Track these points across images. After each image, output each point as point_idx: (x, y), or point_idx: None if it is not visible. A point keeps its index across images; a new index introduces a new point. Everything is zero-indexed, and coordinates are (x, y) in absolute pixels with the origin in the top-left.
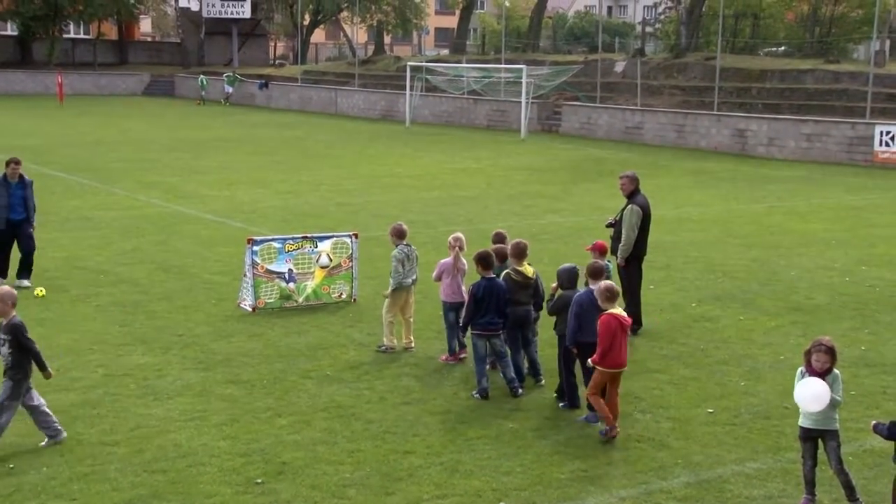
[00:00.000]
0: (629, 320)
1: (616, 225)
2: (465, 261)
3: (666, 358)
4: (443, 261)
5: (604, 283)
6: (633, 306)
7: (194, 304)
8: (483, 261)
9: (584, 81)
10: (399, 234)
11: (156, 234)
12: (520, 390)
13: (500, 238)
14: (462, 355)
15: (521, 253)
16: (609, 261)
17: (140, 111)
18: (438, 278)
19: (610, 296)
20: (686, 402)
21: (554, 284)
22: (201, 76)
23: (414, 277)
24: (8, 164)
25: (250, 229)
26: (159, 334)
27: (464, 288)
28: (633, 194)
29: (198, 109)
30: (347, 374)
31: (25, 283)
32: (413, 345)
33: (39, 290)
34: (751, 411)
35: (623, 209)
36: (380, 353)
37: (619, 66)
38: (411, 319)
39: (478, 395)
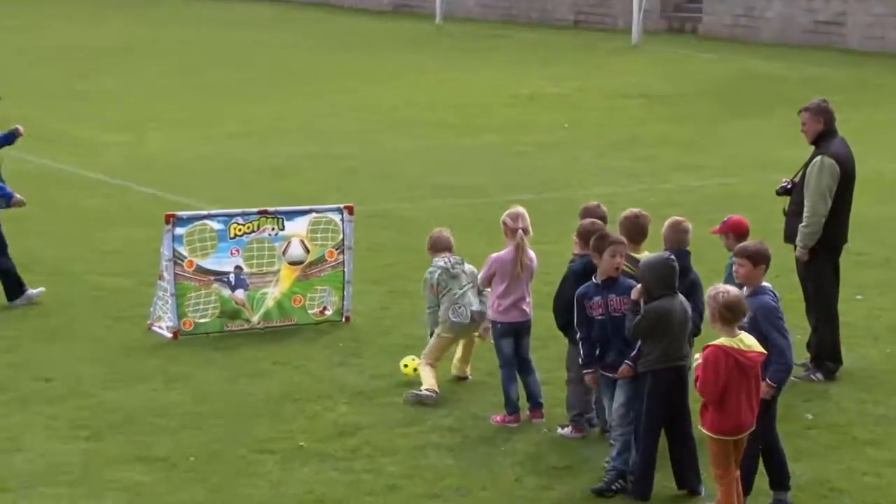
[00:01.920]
0: (758, 357)
1: (794, 190)
2: (533, 253)
3: (885, 421)
4: (496, 255)
5: (722, 291)
6: (825, 330)
7: (74, 327)
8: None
9: None
10: (438, 247)
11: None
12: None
13: (593, 215)
14: (536, 419)
15: (639, 232)
16: None
17: None
18: (489, 282)
19: (729, 313)
20: None
21: (636, 288)
22: None
23: (475, 308)
24: None
25: (170, 199)
26: (13, 378)
27: (528, 299)
28: (823, 139)
29: None
30: (335, 447)
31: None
32: (470, 375)
33: None
34: None
35: (807, 164)
36: (408, 406)
37: None
38: (473, 347)
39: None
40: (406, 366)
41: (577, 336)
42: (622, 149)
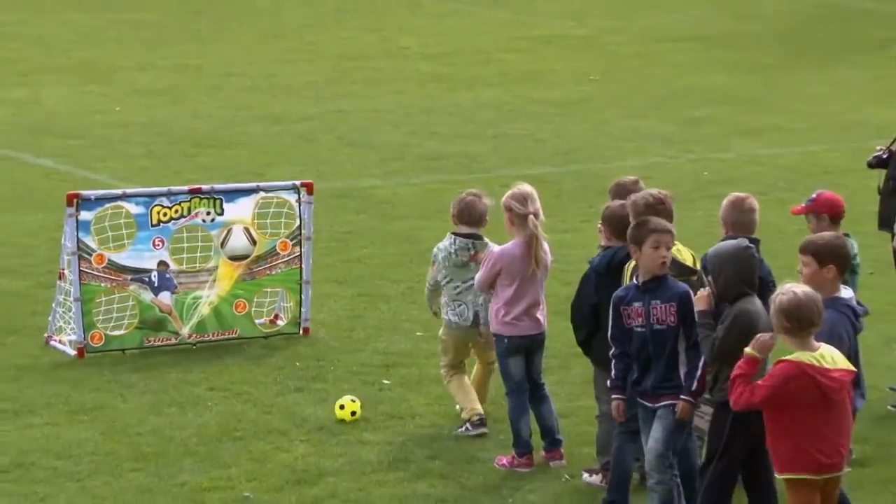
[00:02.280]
0: (845, 376)
1: (891, 161)
2: (547, 246)
3: None
4: (500, 248)
5: (783, 292)
6: None
7: None
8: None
9: None
10: (463, 218)
11: None
12: None
13: (624, 191)
14: (554, 462)
15: (668, 216)
16: (851, 236)
17: None
18: (489, 283)
19: (788, 321)
20: None
21: (702, 292)
22: None
23: (475, 311)
24: None
25: (74, 174)
26: None
27: (543, 305)
28: None
29: None
30: (290, 498)
31: None
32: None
33: None
34: None
35: None
36: (384, 445)
37: None
38: (492, 369)
39: None
40: (342, 407)
41: (611, 352)
42: (666, 108)
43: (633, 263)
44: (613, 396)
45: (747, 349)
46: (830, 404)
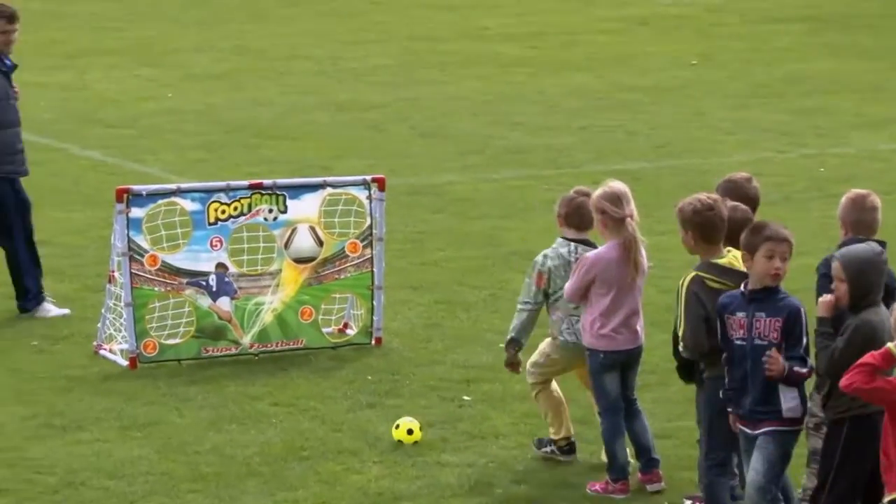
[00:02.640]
0: None
1: None
2: (644, 250)
3: None
4: (593, 254)
5: None
6: None
7: None
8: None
9: None
10: (573, 220)
11: None
12: None
13: (738, 191)
14: (652, 485)
15: (720, 223)
16: None
17: None
18: (581, 294)
19: None
20: None
21: (826, 298)
22: None
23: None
24: None
25: (124, 167)
26: None
27: (641, 316)
28: None
29: None
30: None
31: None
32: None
33: None
34: None
35: None
36: (465, 467)
37: None
38: None
39: None
40: (398, 427)
41: (723, 357)
42: (772, 96)
43: (689, 277)
44: (730, 411)
45: (890, 343)
46: None
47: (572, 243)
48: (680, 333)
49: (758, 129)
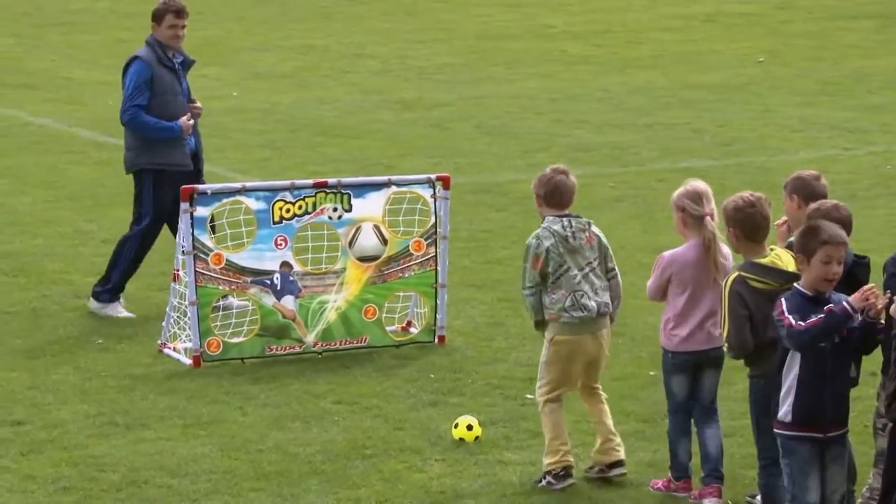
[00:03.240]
0: None
1: None
2: (727, 250)
3: None
4: (670, 252)
5: None
6: None
7: (53, 350)
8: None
9: None
10: (554, 199)
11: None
12: None
13: (806, 189)
14: (710, 499)
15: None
16: None
17: None
18: (661, 293)
19: None
20: None
21: (884, 297)
22: None
23: (599, 301)
24: (163, 14)
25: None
26: None
27: (718, 317)
28: None
29: None
30: None
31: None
32: (622, 455)
33: None
34: None
35: None
36: (540, 491)
37: None
38: (604, 397)
39: None
40: (457, 426)
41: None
42: (839, 93)
43: (732, 276)
44: None
45: None
46: None
47: (565, 218)
48: (724, 334)
49: (824, 126)
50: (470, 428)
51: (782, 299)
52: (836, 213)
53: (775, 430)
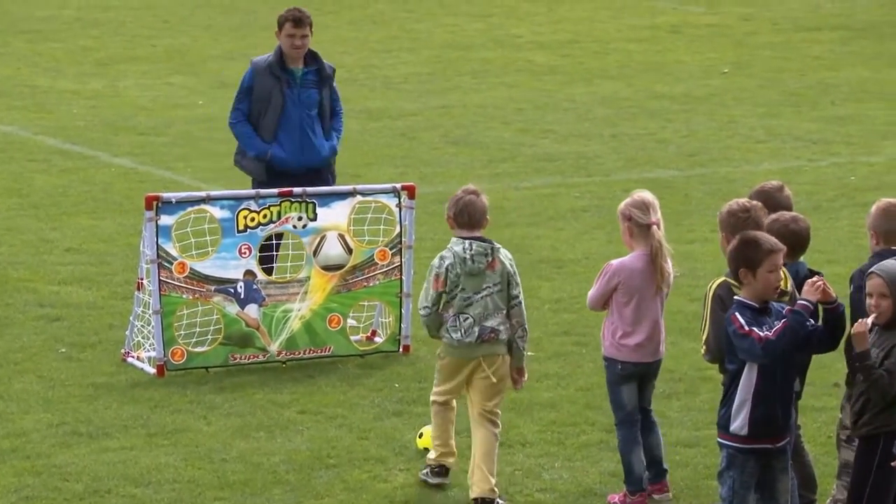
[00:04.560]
0: None
1: None
2: (669, 258)
3: None
4: (617, 262)
5: None
6: None
7: (15, 359)
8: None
9: None
10: (463, 219)
11: None
12: None
13: (769, 201)
14: (659, 494)
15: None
16: None
17: None
18: (603, 302)
19: None
20: None
21: (860, 329)
22: None
23: (486, 325)
24: (282, 23)
25: (154, 174)
26: None
27: (663, 325)
28: None
29: None
30: None
31: None
32: (476, 493)
33: None
34: None
35: None
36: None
37: None
38: (493, 430)
39: None
40: (421, 435)
41: None
42: (803, 105)
43: (718, 281)
44: None
45: None
46: None
47: (466, 241)
48: (703, 337)
49: (789, 137)
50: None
51: (735, 314)
52: (794, 224)
53: (724, 443)
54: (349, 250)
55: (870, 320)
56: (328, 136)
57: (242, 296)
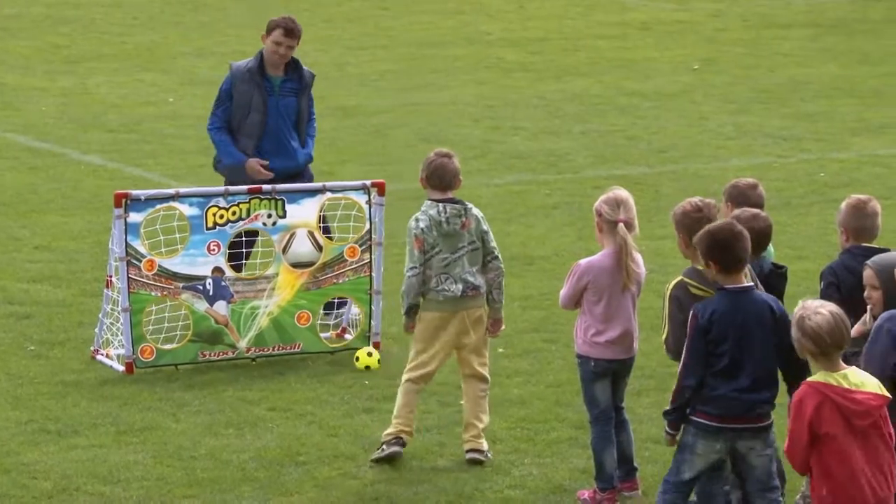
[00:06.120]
0: (874, 400)
1: None
2: (640, 258)
3: None
4: (586, 260)
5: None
6: None
7: None
8: (734, 246)
9: None
10: (434, 181)
11: None
12: None
13: (741, 197)
14: (630, 492)
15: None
16: None
17: None
18: (574, 301)
19: (814, 344)
20: None
21: (858, 328)
22: None
23: (467, 281)
24: (272, 28)
25: (123, 172)
26: None
27: (636, 324)
28: None
29: None
30: None
31: None
32: (475, 445)
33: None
34: None
35: None
36: (464, 472)
37: None
38: (482, 387)
39: None
40: (358, 359)
41: None
42: (773, 101)
43: (674, 282)
44: None
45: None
46: (859, 433)
47: (440, 203)
48: (663, 336)
49: (759, 134)
50: (370, 354)
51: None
52: (754, 222)
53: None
54: (319, 247)
55: (868, 316)
56: (304, 143)
57: (211, 292)
